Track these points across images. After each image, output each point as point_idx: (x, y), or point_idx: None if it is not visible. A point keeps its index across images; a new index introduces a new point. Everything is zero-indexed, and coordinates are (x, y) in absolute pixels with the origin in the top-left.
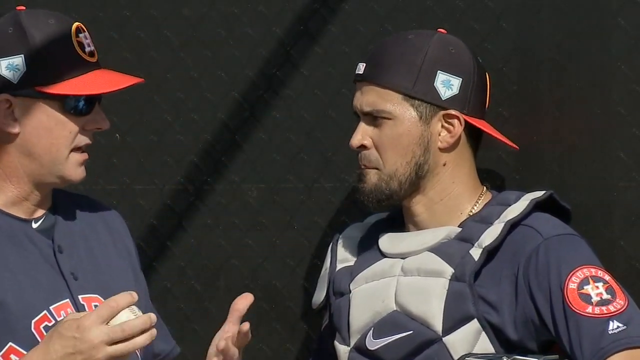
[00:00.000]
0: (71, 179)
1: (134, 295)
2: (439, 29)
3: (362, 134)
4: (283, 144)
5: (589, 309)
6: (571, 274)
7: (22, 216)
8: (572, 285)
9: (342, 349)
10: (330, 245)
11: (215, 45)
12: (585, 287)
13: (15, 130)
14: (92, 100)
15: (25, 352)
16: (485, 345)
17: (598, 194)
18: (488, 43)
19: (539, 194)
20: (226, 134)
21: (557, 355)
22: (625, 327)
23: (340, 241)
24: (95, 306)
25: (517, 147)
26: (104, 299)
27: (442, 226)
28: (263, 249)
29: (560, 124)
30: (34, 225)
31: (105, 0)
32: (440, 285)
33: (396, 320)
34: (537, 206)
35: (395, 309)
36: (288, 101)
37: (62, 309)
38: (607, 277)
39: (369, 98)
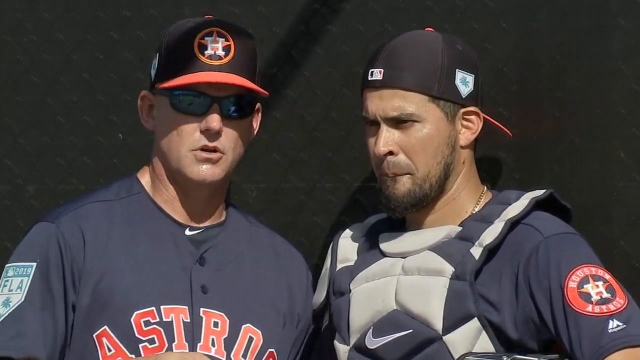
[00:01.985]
0: (192, 178)
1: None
2: (427, 28)
3: (388, 140)
4: (283, 144)
5: (589, 308)
6: (571, 272)
7: (178, 219)
8: (572, 284)
9: (342, 349)
10: (331, 245)
11: None
12: (585, 286)
13: (150, 127)
14: (201, 100)
15: (116, 339)
16: (485, 344)
17: (598, 194)
18: (488, 43)
19: (539, 192)
20: None
21: (558, 355)
22: (624, 326)
23: (340, 241)
24: (215, 322)
25: (510, 134)
26: (228, 319)
27: (444, 225)
28: None
29: (560, 123)
30: (188, 233)
31: (106, 0)
32: (440, 284)
33: (396, 319)
34: (537, 205)
35: (395, 308)
36: (289, 101)
37: (174, 312)
38: (607, 276)
39: (393, 103)
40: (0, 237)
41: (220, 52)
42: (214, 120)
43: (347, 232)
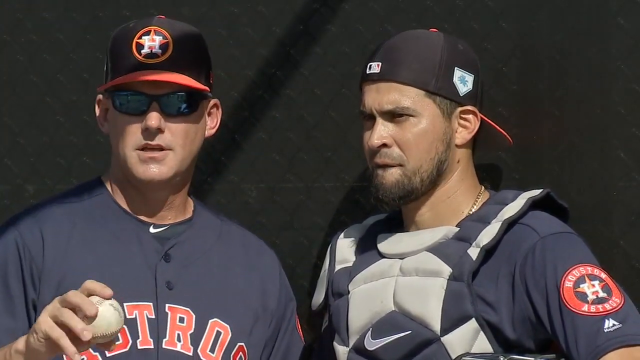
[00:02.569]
0: (139, 178)
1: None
2: (431, 29)
3: (382, 133)
4: (283, 144)
5: (585, 308)
6: (567, 272)
7: (142, 218)
8: (568, 283)
9: (341, 350)
10: (330, 247)
11: (215, 45)
12: (581, 286)
13: (106, 130)
14: (139, 99)
15: None
16: (483, 344)
17: (598, 194)
18: (488, 43)
19: (535, 192)
20: (226, 133)
21: (554, 355)
22: (620, 325)
23: (339, 242)
24: (180, 318)
25: (511, 141)
26: (194, 314)
27: (441, 226)
28: None
29: (560, 123)
30: (152, 230)
31: (105, 0)
32: (438, 285)
33: (394, 320)
34: (534, 205)
35: (393, 309)
36: (288, 101)
37: (138, 309)
38: (603, 276)
39: (389, 96)
40: None
41: (157, 50)
42: (152, 118)
43: (346, 233)
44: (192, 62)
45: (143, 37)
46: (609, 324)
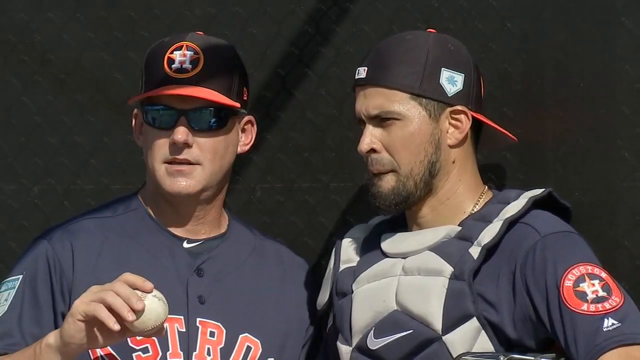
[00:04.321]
0: (168, 191)
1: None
2: (429, 29)
3: (371, 138)
4: (291, 145)
5: (584, 307)
6: (567, 271)
7: (176, 233)
8: (568, 282)
9: (344, 349)
10: (335, 247)
11: None
12: (581, 285)
13: (140, 143)
14: (168, 113)
15: (109, 348)
16: (484, 343)
17: (602, 194)
18: (493, 43)
19: (537, 191)
20: None
21: (554, 354)
22: (619, 325)
23: (343, 242)
24: (211, 332)
25: (515, 139)
26: (225, 329)
27: (444, 225)
28: None
29: (564, 123)
30: (186, 245)
31: (112, 1)
32: (440, 284)
33: (397, 319)
34: (536, 204)
35: (395, 308)
36: (297, 102)
37: (169, 321)
38: (603, 275)
39: (375, 101)
40: (5, 237)
41: (187, 65)
42: (178, 132)
43: (351, 233)
44: (223, 78)
45: (175, 52)
46: (608, 323)
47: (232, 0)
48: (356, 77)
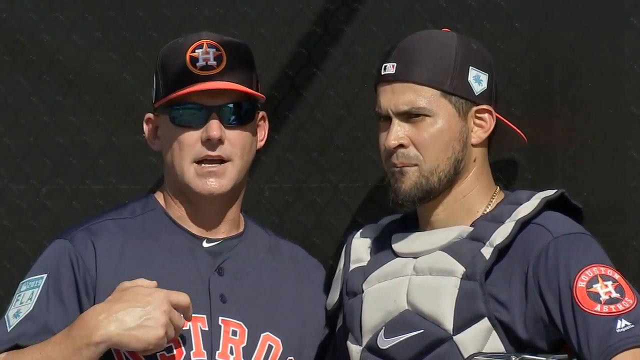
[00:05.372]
0: (198, 192)
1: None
2: (444, 29)
3: (399, 134)
4: (300, 145)
5: (597, 308)
6: (580, 272)
7: (195, 232)
8: (581, 283)
9: (354, 349)
10: (344, 246)
11: None
12: (594, 286)
13: (157, 148)
14: (199, 111)
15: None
16: (495, 344)
17: (611, 194)
18: (501, 43)
19: (550, 192)
20: None
21: (567, 355)
22: (633, 326)
23: (353, 242)
24: (233, 331)
25: (525, 139)
26: (247, 328)
27: (456, 225)
28: None
29: (572, 123)
30: (205, 245)
31: (121, 2)
32: (451, 284)
33: (407, 319)
34: (548, 205)
35: (406, 308)
36: (306, 102)
37: (192, 320)
38: (616, 276)
39: (405, 97)
40: (14, 237)
41: (212, 62)
42: (214, 128)
43: (361, 233)
44: (245, 72)
45: (196, 51)
46: (622, 324)
47: (241, 0)
48: (383, 73)
